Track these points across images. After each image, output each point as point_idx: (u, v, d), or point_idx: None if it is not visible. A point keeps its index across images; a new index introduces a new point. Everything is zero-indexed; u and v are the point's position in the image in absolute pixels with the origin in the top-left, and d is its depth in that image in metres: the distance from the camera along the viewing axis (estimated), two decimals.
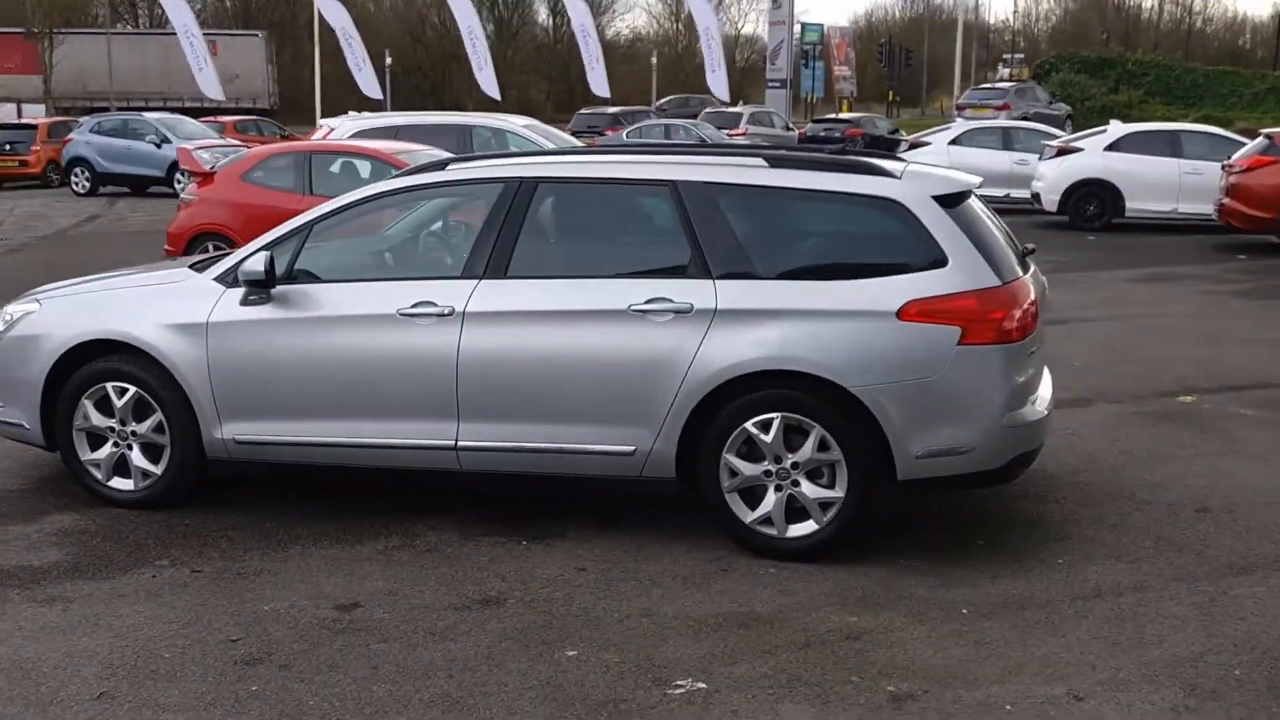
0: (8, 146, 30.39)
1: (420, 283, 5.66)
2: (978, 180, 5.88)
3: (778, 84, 44.87)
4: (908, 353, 5.14)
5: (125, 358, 5.93)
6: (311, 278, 5.81)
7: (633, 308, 5.34)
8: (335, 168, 12.37)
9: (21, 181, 30.48)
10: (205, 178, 12.77)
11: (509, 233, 5.59)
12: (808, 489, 5.29)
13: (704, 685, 4.24)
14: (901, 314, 5.14)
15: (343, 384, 5.66)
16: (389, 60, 42.65)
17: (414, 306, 5.55)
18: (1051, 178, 19.28)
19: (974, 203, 5.71)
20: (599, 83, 38.56)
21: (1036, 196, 19.59)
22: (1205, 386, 8.69)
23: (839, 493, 5.26)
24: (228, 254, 6.31)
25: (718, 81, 39.75)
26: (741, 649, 4.51)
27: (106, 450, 6.05)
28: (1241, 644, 4.55)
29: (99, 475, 6.07)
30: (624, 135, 33.03)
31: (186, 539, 5.64)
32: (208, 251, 12.11)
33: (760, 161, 5.63)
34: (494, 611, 4.84)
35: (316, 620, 4.76)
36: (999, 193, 21.75)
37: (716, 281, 5.33)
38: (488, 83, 38.67)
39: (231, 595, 5.00)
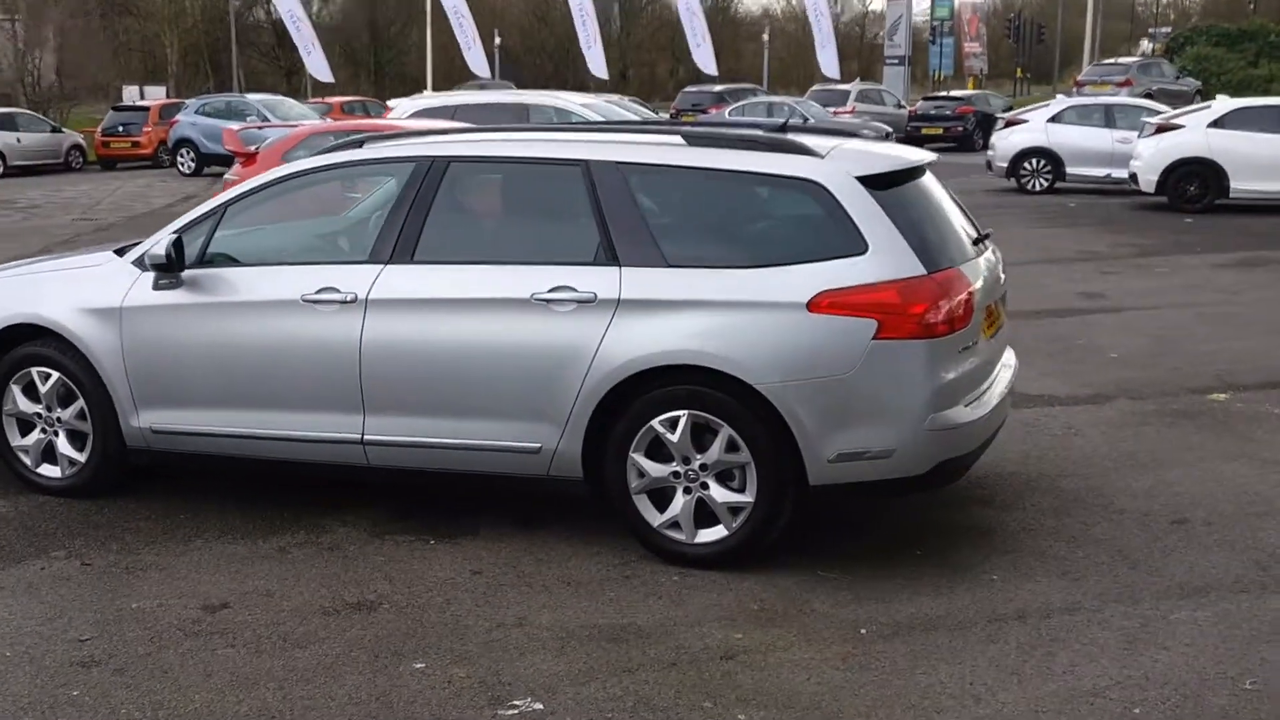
0: (122, 128, 31.28)
1: (327, 267, 5.42)
2: (927, 157, 5.42)
3: (895, 61, 43.82)
4: (818, 348, 4.73)
5: (49, 342, 5.82)
6: (229, 261, 5.62)
7: (535, 296, 5.02)
8: None
9: (135, 162, 31.37)
10: (249, 158, 12.79)
11: (417, 215, 5.31)
12: (717, 492, 4.92)
13: (540, 706, 3.93)
14: (812, 306, 4.73)
15: (250, 373, 5.47)
16: (498, 40, 42.73)
17: (318, 292, 5.32)
18: (1149, 156, 18.27)
19: (922, 184, 5.27)
20: (705, 60, 38.03)
21: (1133, 176, 18.60)
22: (1246, 383, 8.01)
23: (749, 497, 4.88)
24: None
25: (828, 58, 38.90)
26: (600, 666, 4.18)
27: (35, 436, 5.96)
28: (1154, 678, 4.06)
29: (28, 461, 5.99)
30: (726, 114, 32.58)
31: (96, 529, 5.51)
32: None
33: (678, 140, 5.26)
34: (361, 617, 4.59)
35: (177, 621, 4.57)
36: (1099, 172, 20.83)
37: (623, 269, 4.98)
38: (596, 62, 38.47)
39: (107, 591, 4.85)
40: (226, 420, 5.53)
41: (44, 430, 5.94)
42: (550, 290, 5.01)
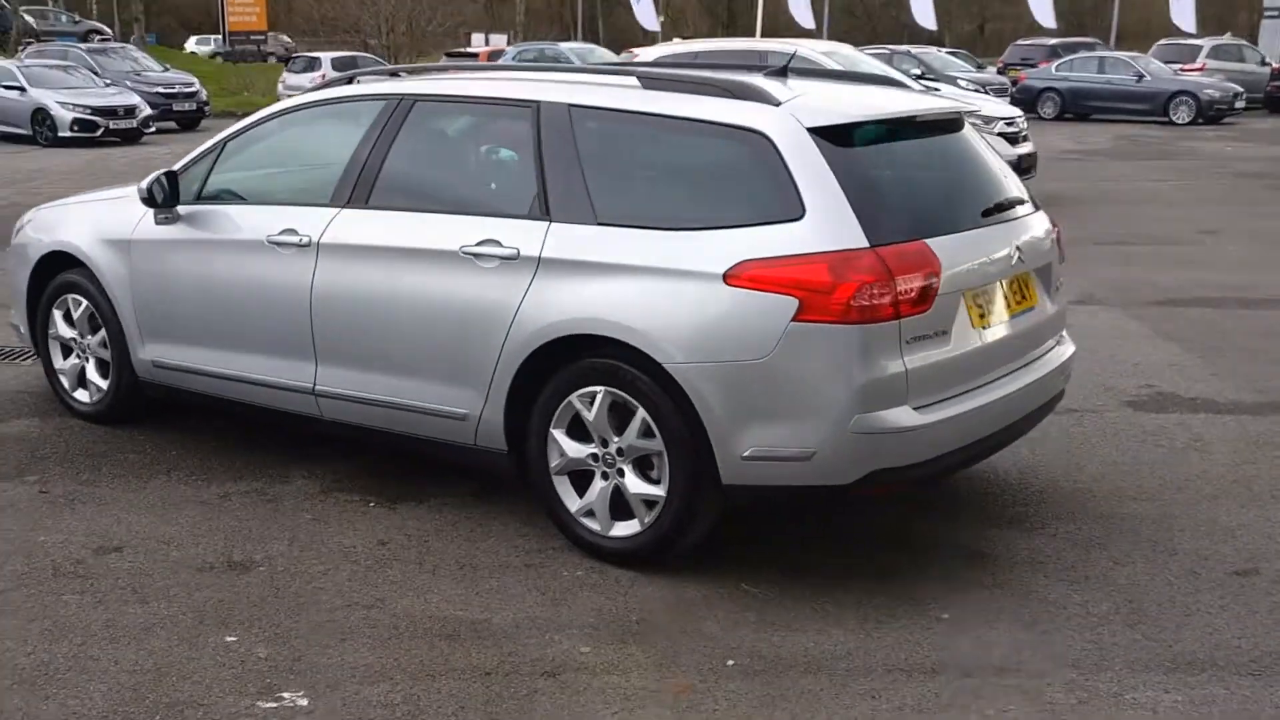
0: None
1: (295, 208, 5.17)
2: (926, 107, 4.61)
3: (1275, 13, 39.48)
4: (732, 327, 4.05)
5: (82, 271, 5.89)
6: (221, 198, 5.48)
7: (464, 249, 4.57)
8: None
9: None
10: None
11: (376, 156, 4.96)
12: (632, 481, 4.34)
13: (305, 703, 3.54)
14: (729, 277, 4.05)
15: (225, 313, 5.32)
16: None
17: (281, 234, 5.08)
18: None
19: (923, 139, 4.47)
20: (1043, 11, 35.49)
21: None
22: None
23: (662, 490, 4.27)
24: None
25: (1182, 9, 35.43)
26: (410, 665, 3.74)
27: (71, 361, 6.08)
28: None
29: (66, 385, 6.11)
30: (1053, 69, 30.40)
31: (85, 458, 5.54)
32: None
33: (633, 81, 4.63)
34: (228, 578, 4.34)
35: (60, 559, 4.48)
36: None
37: (551, 225, 4.45)
38: (923, 12, 36.76)
39: (32, 520, 4.83)
40: (209, 360, 5.41)
41: (78, 356, 6.04)
42: (477, 244, 4.55)
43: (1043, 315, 4.70)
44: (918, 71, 27.19)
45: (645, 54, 15.45)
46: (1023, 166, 14.20)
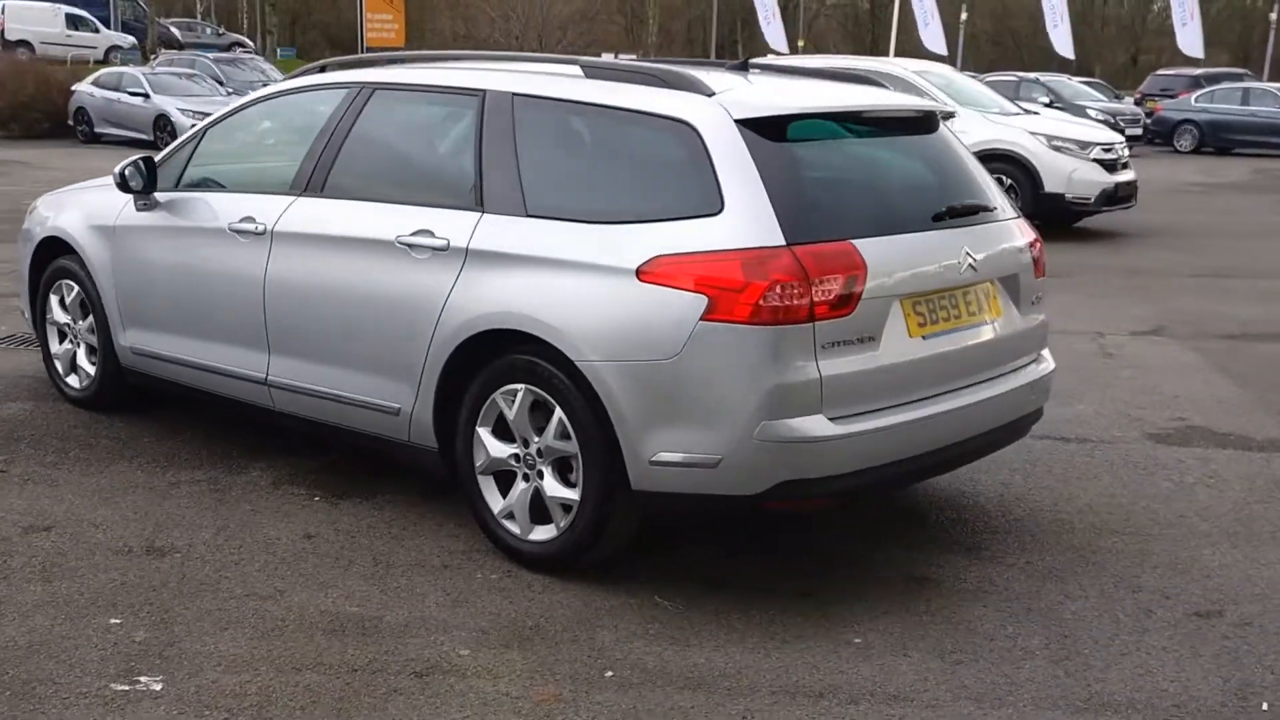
0: None
1: (258, 196, 5.14)
2: (864, 103, 4.35)
3: None
4: (642, 324, 3.87)
5: (74, 257, 5.96)
6: (197, 186, 5.48)
7: (399, 239, 4.48)
8: None
9: None
10: None
11: (334, 144, 4.91)
12: (549, 484, 4.18)
13: (159, 688, 3.46)
14: (642, 273, 3.87)
15: (192, 300, 5.32)
16: (964, 16, 40.71)
17: (240, 221, 5.06)
18: None
19: (864, 141, 4.23)
20: (1191, 43, 34.18)
21: None
22: None
23: (577, 495, 4.10)
24: None
25: None
26: (280, 658, 3.63)
27: (64, 346, 6.15)
28: None
29: (60, 370, 6.19)
30: (1191, 100, 29.33)
31: (56, 440, 5.58)
32: None
33: (576, 70, 4.48)
34: (140, 562, 4.30)
35: None
36: None
37: (484, 216, 4.33)
38: (1061, 42, 35.77)
39: None
40: (178, 347, 5.41)
41: (70, 342, 6.11)
42: (412, 234, 4.45)
43: (1008, 329, 4.41)
44: (1046, 100, 26.55)
45: None
46: (1119, 195, 13.66)
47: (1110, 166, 13.55)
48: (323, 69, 5.39)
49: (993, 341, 4.34)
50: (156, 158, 5.54)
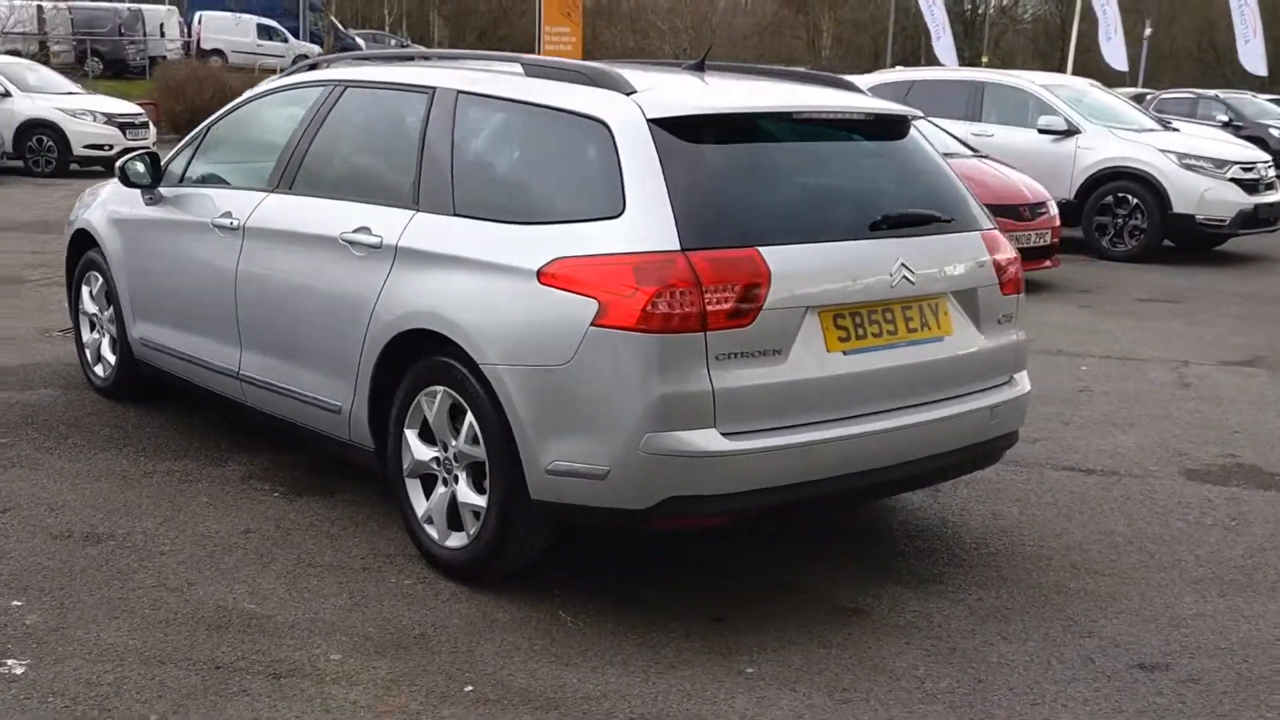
0: None
1: (239, 192, 5.19)
2: (799, 104, 4.12)
3: None
4: (540, 327, 3.74)
5: (98, 249, 6.13)
6: (201, 182, 5.57)
7: (342, 236, 4.45)
8: None
9: None
10: None
11: (305, 142, 4.92)
12: (462, 489, 4.07)
13: (21, 672, 3.47)
14: (542, 275, 3.74)
15: (182, 292, 5.41)
16: (1148, 31, 38.99)
17: (220, 216, 5.11)
18: None
19: (801, 144, 4.02)
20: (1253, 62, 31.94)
21: None
22: None
23: (484, 501, 3.99)
24: None
25: None
26: (147, 651, 3.61)
27: (92, 335, 6.33)
28: None
29: (89, 359, 6.37)
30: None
31: (61, 427, 5.71)
32: None
33: (517, 68, 4.37)
34: (72, 547, 4.35)
35: None
36: None
37: (417, 214, 4.26)
38: (1250, 56, 33.86)
39: None
40: (173, 340, 5.50)
41: (97, 332, 6.28)
42: (354, 230, 4.41)
43: (962, 348, 4.12)
44: (1225, 118, 25.22)
45: (864, 81, 14.92)
46: (1260, 218, 12.84)
47: (1251, 187, 12.73)
48: (313, 66, 5.41)
49: (941, 361, 4.05)
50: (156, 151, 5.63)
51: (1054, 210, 10.65)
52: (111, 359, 6.14)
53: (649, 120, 3.76)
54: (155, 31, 40.25)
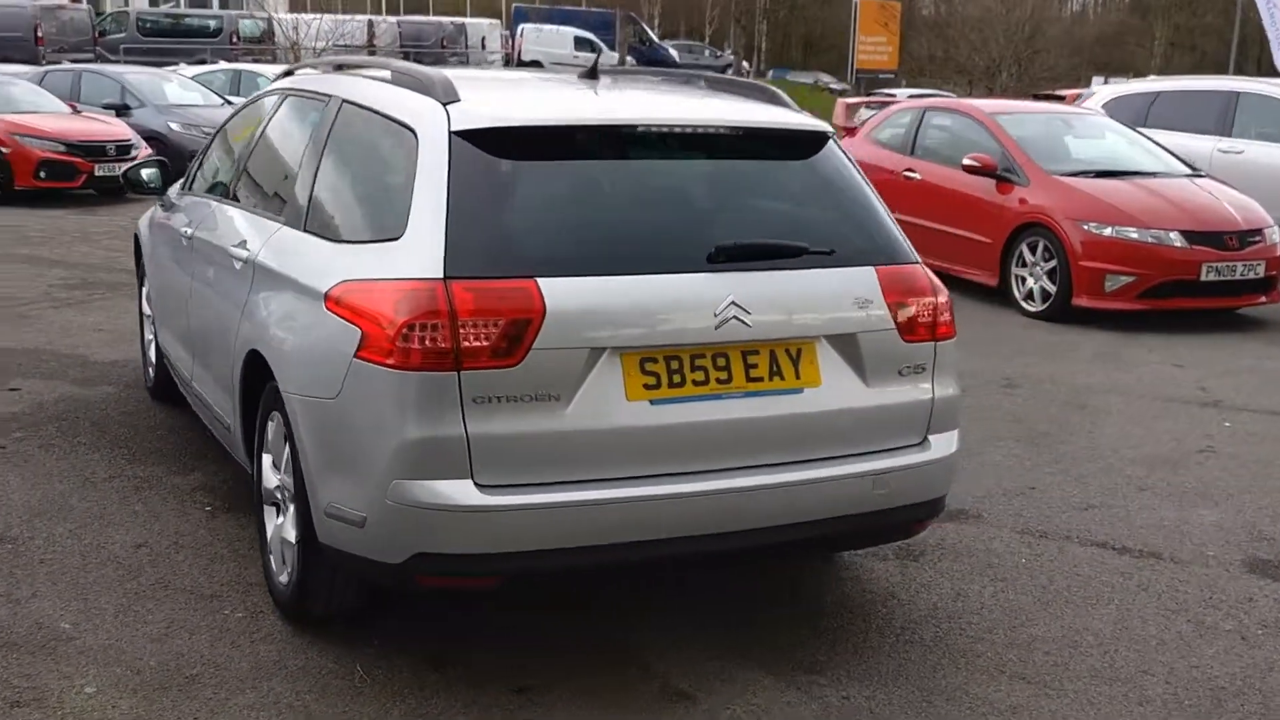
0: None
1: (202, 201, 5.16)
2: (649, 117, 3.63)
3: None
4: (320, 355, 3.47)
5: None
6: (197, 190, 5.58)
7: (230, 248, 4.32)
8: (939, 126, 10.91)
9: None
10: (849, 132, 12.13)
11: (247, 150, 4.84)
12: (286, 523, 3.84)
13: None
14: (328, 299, 3.46)
15: (165, 299, 5.47)
16: None
17: (185, 226, 5.11)
18: None
19: (647, 163, 3.58)
20: None
21: None
22: None
23: (294, 536, 3.74)
24: None
25: None
26: None
27: (149, 338, 6.50)
28: None
29: (146, 360, 6.55)
30: None
31: (82, 425, 5.84)
32: None
33: (385, 74, 4.07)
34: None
35: None
36: None
37: (281, 228, 4.07)
38: None
39: None
40: (166, 345, 5.56)
41: (152, 334, 6.44)
42: (235, 244, 4.27)
43: (834, 402, 3.52)
44: None
45: (1102, 92, 13.71)
46: None
47: None
48: (289, 73, 5.31)
49: (797, 417, 3.47)
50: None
51: (1276, 238, 9.32)
52: (154, 362, 6.27)
53: (453, 132, 3.40)
54: (477, 44, 42.23)
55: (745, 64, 51.70)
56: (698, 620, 3.98)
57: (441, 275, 3.18)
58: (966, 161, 9.85)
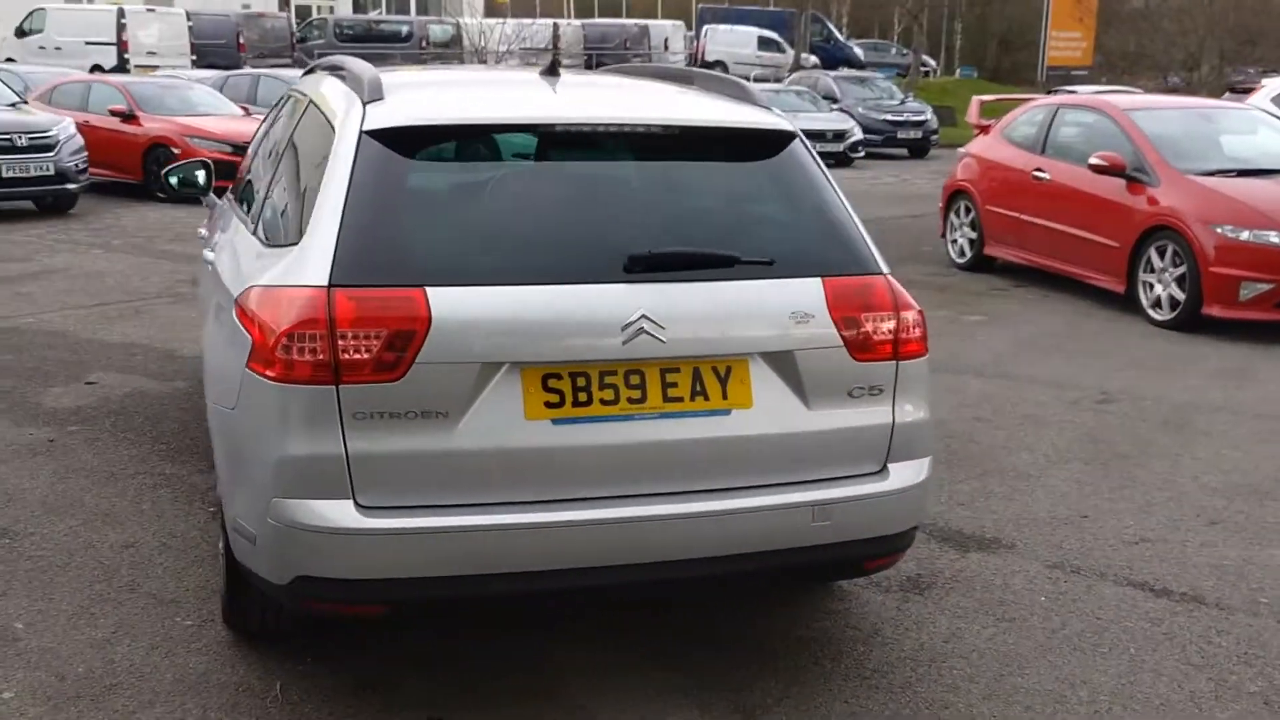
0: None
1: (220, 201, 5.16)
2: (551, 116, 3.44)
3: None
4: (226, 363, 3.37)
5: None
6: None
7: (205, 251, 4.31)
8: (1072, 124, 10.28)
9: None
10: (983, 130, 11.58)
11: (251, 154, 4.81)
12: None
13: None
14: (237, 305, 3.36)
15: (200, 300, 5.48)
16: None
17: (203, 227, 5.13)
18: None
19: (569, 164, 3.39)
20: None
21: None
22: None
23: (221, 547, 3.66)
24: None
25: None
26: None
27: None
28: None
29: None
30: None
31: (139, 421, 5.96)
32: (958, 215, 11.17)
33: (342, 73, 3.93)
34: None
35: None
36: None
37: (244, 230, 4.02)
38: None
39: None
40: None
41: None
42: (209, 247, 4.25)
43: (766, 426, 3.23)
44: None
45: (1272, 85, 12.75)
46: None
47: None
48: (310, 71, 5.25)
49: (724, 441, 3.20)
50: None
51: None
52: None
53: (363, 131, 3.26)
54: (660, 45, 42.28)
55: (931, 61, 50.28)
56: (643, 653, 3.73)
57: (327, 282, 3.03)
58: (1094, 160, 9.25)
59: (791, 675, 3.63)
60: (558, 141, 3.42)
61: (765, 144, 3.50)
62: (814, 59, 42.92)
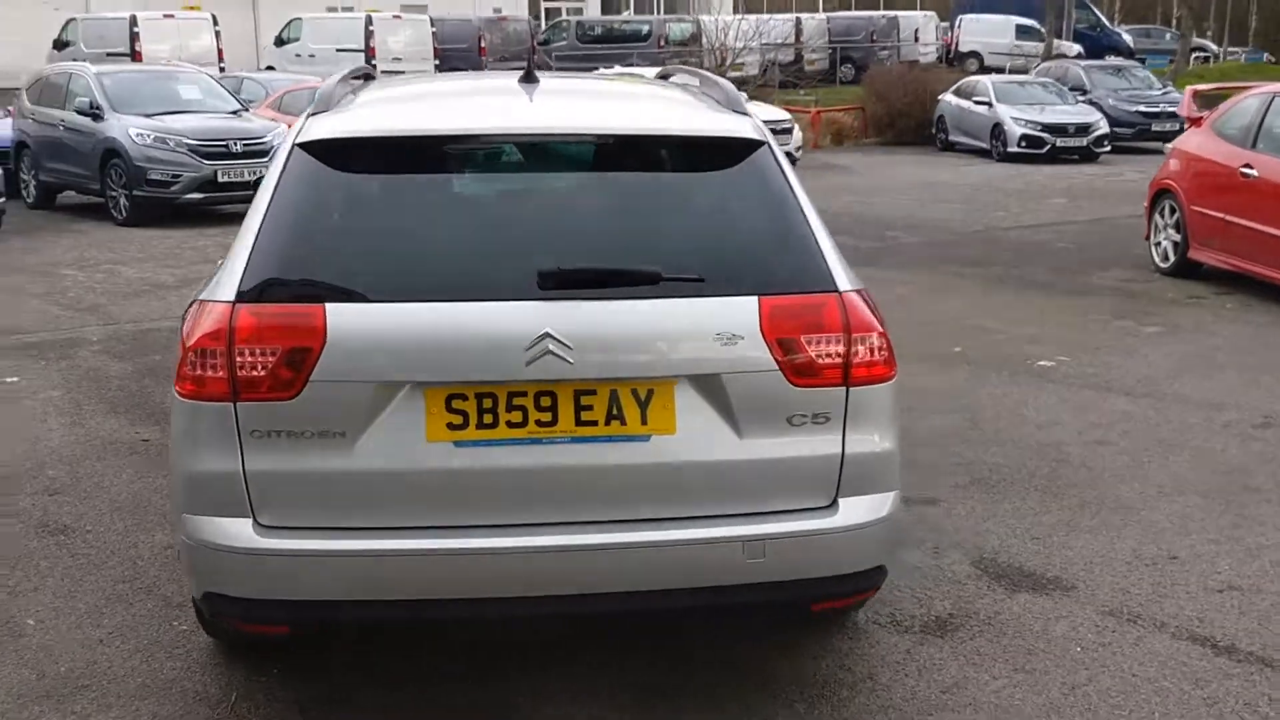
0: None
1: None
2: (491, 127, 3.28)
3: None
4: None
5: None
6: None
7: None
8: None
9: None
10: (1195, 123, 10.69)
11: None
12: None
13: None
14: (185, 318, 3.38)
15: None
16: None
17: None
18: None
19: (490, 175, 3.28)
20: None
21: None
22: None
23: None
24: None
25: None
26: None
27: None
28: None
29: None
30: None
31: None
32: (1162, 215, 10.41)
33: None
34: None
35: None
36: None
37: None
38: None
39: (52, 426, 5.68)
40: None
41: None
42: None
43: (687, 453, 3.01)
44: None
45: None
46: None
47: None
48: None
49: (639, 469, 3.00)
50: None
51: None
52: None
53: (296, 144, 3.22)
54: (910, 37, 41.24)
55: (1212, 45, 47.13)
56: (605, 686, 3.56)
57: (233, 298, 3.00)
58: None
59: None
60: (495, 154, 3.29)
61: (722, 153, 3.27)
62: (1077, 48, 40.87)
